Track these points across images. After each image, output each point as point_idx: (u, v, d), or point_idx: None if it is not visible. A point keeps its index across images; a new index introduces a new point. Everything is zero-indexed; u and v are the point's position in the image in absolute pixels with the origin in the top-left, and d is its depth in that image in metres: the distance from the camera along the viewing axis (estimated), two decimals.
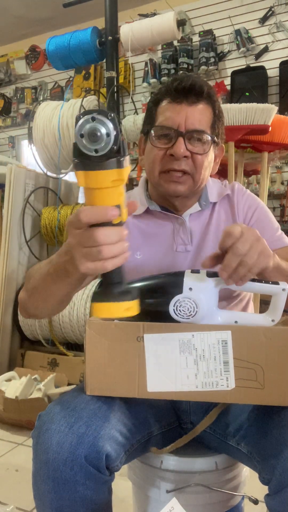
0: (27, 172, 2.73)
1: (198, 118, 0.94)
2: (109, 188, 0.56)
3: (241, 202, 1.05)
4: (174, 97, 0.95)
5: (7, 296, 2.65)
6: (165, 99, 0.97)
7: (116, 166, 0.55)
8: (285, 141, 2.03)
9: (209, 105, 0.97)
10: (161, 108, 0.97)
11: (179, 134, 0.93)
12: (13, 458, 1.86)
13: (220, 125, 1.00)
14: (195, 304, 0.76)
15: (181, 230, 1.01)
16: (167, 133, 0.95)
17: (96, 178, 0.55)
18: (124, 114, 2.91)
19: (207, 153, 0.96)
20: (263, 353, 0.74)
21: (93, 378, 0.78)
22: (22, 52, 4.30)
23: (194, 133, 0.94)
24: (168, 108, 0.95)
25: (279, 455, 0.70)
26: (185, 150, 0.93)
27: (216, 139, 0.98)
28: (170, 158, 0.94)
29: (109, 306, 0.62)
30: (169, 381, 0.75)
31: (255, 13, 3.31)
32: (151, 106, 1.01)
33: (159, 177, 0.97)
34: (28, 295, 0.87)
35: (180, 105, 0.94)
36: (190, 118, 0.93)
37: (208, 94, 0.95)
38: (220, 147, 1.03)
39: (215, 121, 0.98)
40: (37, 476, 0.76)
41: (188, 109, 0.94)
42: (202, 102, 0.95)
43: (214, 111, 0.98)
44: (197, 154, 0.94)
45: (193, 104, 0.94)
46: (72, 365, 2.45)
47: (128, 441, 0.82)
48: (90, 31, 2.52)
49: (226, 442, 0.88)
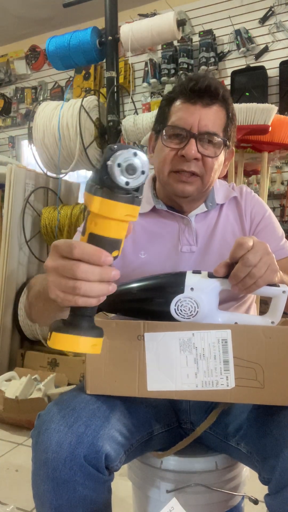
0: (27, 172, 2.73)
1: (211, 120, 0.93)
2: (120, 222, 0.56)
3: (249, 206, 1.04)
4: (189, 97, 0.93)
5: (7, 296, 2.64)
6: (179, 98, 0.95)
7: (133, 202, 0.55)
8: (285, 141, 2.03)
9: (223, 108, 0.95)
10: (174, 107, 0.96)
11: (191, 136, 0.92)
12: (13, 458, 1.86)
13: (233, 128, 0.99)
14: (196, 304, 0.76)
15: (187, 231, 1.01)
16: (179, 134, 0.94)
17: (113, 208, 0.54)
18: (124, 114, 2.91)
19: (218, 156, 0.95)
20: (263, 353, 0.74)
21: (93, 377, 0.78)
22: (22, 52, 4.30)
23: (207, 136, 0.93)
24: (181, 108, 0.94)
25: (279, 455, 0.70)
26: (196, 152, 0.92)
27: (228, 142, 0.97)
28: (181, 158, 0.93)
29: (76, 339, 0.56)
30: (169, 380, 0.75)
31: (255, 13, 3.31)
32: (164, 105, 1.00)
33: (168, 176, 0.97)
34: (28, 305, 0.88)
35: (194, 106, 0.93)
36: (204, 120, 0.92)
37: (223, 96, 0.94)
38: (230, 150, 1.02)
39: (228, 124, 0.97)
40: (36, 476, 0.76)
41: (202, 110, 0.93)
42: (216, 104, 0.94)
43: (228, 114, 0.97)
44: (208, 157, 0.94)
45: (207, 106, 0.93)
46: (72, 365, 2.45)
47: (127, 441, 0.81)
48: (90, 31, 2.52)
49: (226, 442, 0.88)
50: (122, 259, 1.00)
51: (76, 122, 2.41)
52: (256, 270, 0.73)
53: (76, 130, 2.41)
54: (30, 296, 0.86)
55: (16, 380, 2.32)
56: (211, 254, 0.98)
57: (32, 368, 2.50)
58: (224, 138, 0.95)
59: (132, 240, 1.01)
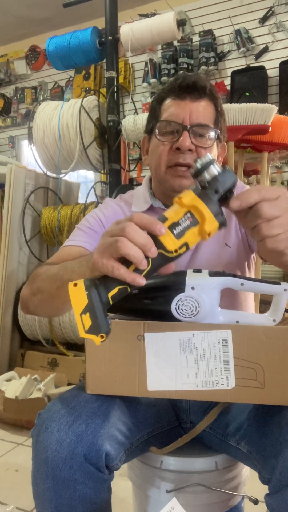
0: (27, 172, 2.73)
1: (202, 113, 0.96)
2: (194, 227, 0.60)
3: None
4: (178, 94, 0.97)
5: (7, 296, 2.64)
6: (169, 96, 0.99)
7: (219, 219, 0.60)
8: (285, 141, 2.03)
9: (211, 102, 0.99)
10: (165, 105, 0.99)
11: (184, 128, 0.95)
12: (13, 458, 1.86)
13: (222, 122, 1.02)
14: (197, 303, 0.76)
15: None
16: (172, 128, 0.96)
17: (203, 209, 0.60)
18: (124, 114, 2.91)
19: (211, 147, 0.98)
20: (263, 353, 0.74)
21: (93, 377, 0.78)
22: (22, 52, 4.30)
23: (199, 127, 0.96)
24: (172, 104, 0.98)
25: (279, 454, 0.70)
26: (190, 143, 0.94)
27: (219, 134, 1.00)
28: (176, 152, 0.96)
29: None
30: (169, 380, 0.75)
31: (255, 13, 3.31)
32: (155, 105, 1.03)
33: (166, 172, 0.98)
34: (31, 293, 0.88)
35: (184, 101, 0.96)
36: (194, 113, 0.95)
37: (210, 91, 0.98)
38: (222, 145, 1.05)
39: (217, 117, 1.00)
40: (36, 475, 0.76)
41: (191, 104, 0.96)
42: (205, 99, 0.97)
43: (217, 108, 1.00)
44: (202, 148, 0.96)
45: (196, 100, 0.96)
46: (72, 365, 2.45)
47: (127, 440, 0.82)
48: (90, 31, 2.52)
49: (226, 441, 0.88)
50: None
51: (76, 122, 2.41)
52: (266, 227, 0.61)
53: (76, 130, 2.41)
54: (39, 283, 0.86)
55: (16, 380, 2.32)
56: (206, 250, 0.99)
57: (32, 368, 2.50)
58: (215, 129, 0.98)
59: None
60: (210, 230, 0.60)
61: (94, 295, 0.60)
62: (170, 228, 0.60)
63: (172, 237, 0.60)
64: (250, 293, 1.07)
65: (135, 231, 0.59)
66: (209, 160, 0.62)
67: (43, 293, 0.85)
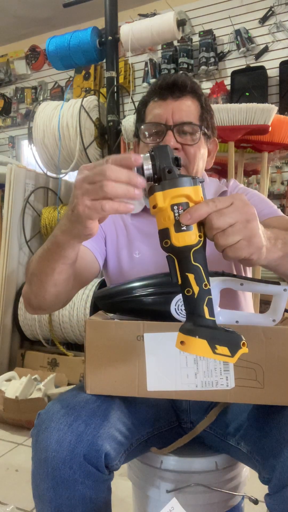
0: (27, 172, 2.73)
1: (185, 111, 0.96)
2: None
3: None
4: (160, 94, 0.97)
5: (7, 296, 2.64)
6: (152, 99, 0.99)
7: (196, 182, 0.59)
8: (285, 141, 2.03)
9: (194, 99, 0.98)
10: (149, 107, 1.00)
11: (167, 128, 0.95)
12: (13, 458, 1.86)
13: (209, 117, 1.01)
14: None
15: None
16: (157, 129, 0.96)
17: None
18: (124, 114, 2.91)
19: (198, 144, 0.97)
20: (263, 353, 0.74)
21: (93, 377, 0.78)
22: (22, 52, 4.30)
23: (183, 126, 0.95)
24: (155, 106, 0.98)
25: (279, 454, 0.70)
26: (176, 142, 0.94)
27: (206, 131, 0.99)
28: None
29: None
30: (169, 380, 0.75)
31: (255, 13, 3.31)
32: (140, 108, 1.03)
33: None
34: (28, 284, 0.85)
35: (166, 101, 0.96)
36: (177, 112, 0.95)
37: (192, 88, 0.97)
38: (212, 141, 1.04)
39: (203, 113, 0.99)
40: (36, 475, 0.76)
41: (173, 103, 0.96)
42: (187, 96, 0.97)
43: (201, 104, 0.99)
44: (188, 145, 0.95)
45: (178, 98, 0.96)
46: (72, 365, 2.45)
47: (127, 440, 0.82)
48: (90, 31, 2.52)
49: (226, 441, 0.88)
50: (117, 259, 1.01)
51: (76, 122, 2.41)
52: (221, 237, 0.59)
53: (76, 130, 2.41)
54: (31, 269, 0.83)
55: (16, 380, 2.32)
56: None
57: (32, 368, 2.50)
58: (200, 125, 0.97)
59: (127, 240, 1.02)
60: (197, 198, 0.59)
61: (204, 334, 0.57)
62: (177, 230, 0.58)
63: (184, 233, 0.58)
64: (249, 293, 1.07)
65: (116, 171, 0.57)
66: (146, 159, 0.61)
67: (37, 274, 0.80)
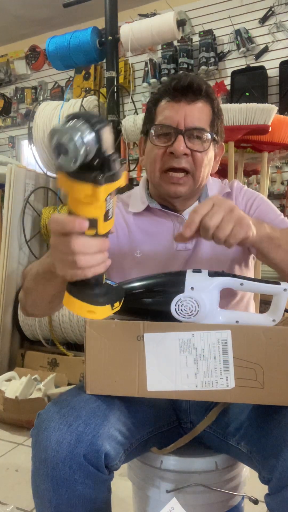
0: (27, 172, 2.73)
1: (197, 116, 0.94)
2: (83, 203, 0.55)
3: (240, 198, 1.05)
4: (173, 96, 0.95)
5: (7, 296, 2.64)
6: (164, 98, 0.97)
7: (91, 181, 0.52)
8: (285, 141, 2.03)
9: (207, 103, 0.97)
10: (160, 107, 0.98)
11: (178, 132, 0.93)
12: (13, 458, 1.86)
13: (219, 123, 1.00)
14: (196, 304, 0.76)
15: (181, 228, 1.01)
16: (167, 132, 0.95)
17: (70, 187, 0.54)
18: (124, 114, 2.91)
19: (207, 150, 0.96)
20: (263, 353, 0.74)
21: (93, 377, 0.78)
22: (22, 52, 4.30)
23: (194, 131, 0.94)
24: (167, 107, 0.96)
25: (279, 454, 0.70)
26: (185, 147, 0.93)
27: (215, 137, 0.98)
28: (170, 156, 0.94)
29: (74, 302, 0.63)
30: (169, 381, 0.75)
31: (255, 13, 3.31)
32: (150, 106, 1.01)
33: (160, 178, 0.97)
34: (24, 295, 0.91)
35: (179, 103, 0.94)
36: (189, 116, 0.94)
37: (206, 92, 0.96)
38: (220, 146, 1.03)
39: (214, 119, 0.98)
40: (36, 475, 0.76)
41: (186, 107, 0.94)
42: (200, 100, 0.95)
43: (213, 109, 0.98)
44: (197, 152, 0.95)
45: (191, 102, 0.95)
46: (72, 365, 2.45)
47: (127, 440, 0.81)
48: (90, 31, 2.52)
49: (226, 441, 0.88)
50: (118, 258, 1.01)
51: None
52: (219, 232, 0.74)
53: None
54: (26, 283, 0.88)
55: (16, 380, 2.32)
56: (206, 251, 0.99)
57: (32, 368, 2.50)
58: (211, 132, 0.96)
59: (128, 240, 1.02)
60: (125, 179, 0.57)
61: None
62: (105, 219, 0.58)
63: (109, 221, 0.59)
64: (250, 293, 1.07)
65: (84, 244, 0.58)
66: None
67: (32, 293, 0.86)
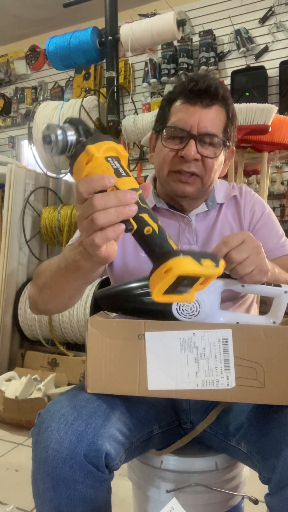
0: (27, 172, 2.73)
1: (211, 121, 0.93)
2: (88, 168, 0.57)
3: (248, 205, 1.04)
4: (189, 98, 0.93)
5: (7, 296, 2.64)
6: (179, 99, 0.95)
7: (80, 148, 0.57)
8: (285, 141, 2.03)
9: (223, 108, 0.95)
10: (174, 108, 0.96)
11: (191, 137, 0.92)
12: (13, 458, 1.86)
13: (233, 128, 0.99)
14: (198, 304, 0.76)
15: (187, 230, 1.01)
16: (179, 135, 0.94)
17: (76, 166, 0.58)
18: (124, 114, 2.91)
19: (217, 156, 0.95)
20: (263, 352, 0.74)
21: (94, 376, 0.78)
22: (22, 52, 4.30)
23: (206, 137, 0.93)
24: (181, 109, 0.94)
25: (279, 454, 0.70)
26: (196, 153, 0.92)
27: (227, 142, 0.97)
28: (180, 159, 0.93)
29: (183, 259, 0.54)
30: (169, 379, 0.75)
31: (255, 13, 3.31)
32: (165, 105, 0.99)
33: (168, 176, 0.97)
34: (38, 291, 0.87)
35: (194, 107, 0.93)
36: (203, 121, 0.92)
37: (223, 97, 0.94)
38: (230, 150, 1.02)
39: (228, 125, 0.96)
40: (36, 474, 0.75)
41: (201, 111, 0.93)
42: (216, 105, 0.94)
43: (228, 114, 0.96)
44: (208, 158, 0.94)
45: (207, 106, 0.93)
46: (72, 365, 2.45)
47: (128, 440, 0.81)
48: (90, 31, 2.52)
49: (226, 441, 0.88)
50: (122, 258, 1.01)
51: None
52: (240, 268, 0.76)
53: None
54: (43, 279, 0.83)
55: (16, 380, 2.32)
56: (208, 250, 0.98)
57: (32, 368, 2.50)
58: (223, 138, 0.95)
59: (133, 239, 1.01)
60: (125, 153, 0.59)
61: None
62: (119, 176, 0.57)
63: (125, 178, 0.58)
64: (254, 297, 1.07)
65: (103, 198, 0.55)
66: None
67: (51, 288, 0.82)
